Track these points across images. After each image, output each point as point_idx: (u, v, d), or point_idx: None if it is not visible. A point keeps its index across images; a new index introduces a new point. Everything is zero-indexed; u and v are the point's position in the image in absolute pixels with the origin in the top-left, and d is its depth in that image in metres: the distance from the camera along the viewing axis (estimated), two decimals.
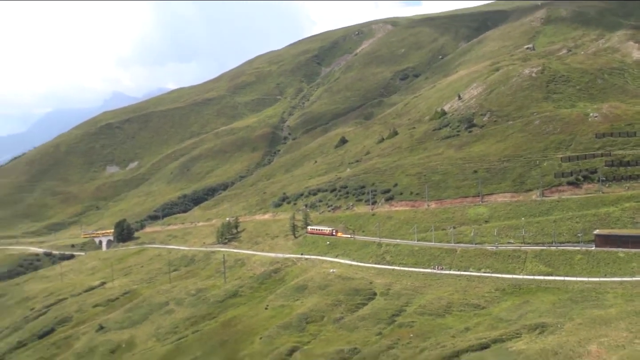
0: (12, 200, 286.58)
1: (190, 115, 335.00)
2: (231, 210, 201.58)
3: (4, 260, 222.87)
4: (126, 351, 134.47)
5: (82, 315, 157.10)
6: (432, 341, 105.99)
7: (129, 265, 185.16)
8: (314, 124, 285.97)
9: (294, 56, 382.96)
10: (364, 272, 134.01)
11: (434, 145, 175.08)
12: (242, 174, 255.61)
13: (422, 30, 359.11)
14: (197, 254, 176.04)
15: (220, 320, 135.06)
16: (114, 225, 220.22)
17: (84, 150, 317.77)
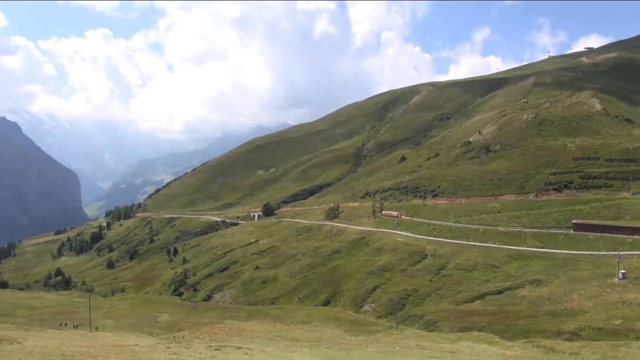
0: (203, 188, 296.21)
1: (307, 140, 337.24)
2: (333, 199, 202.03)
3: (199, 224, 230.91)
4: (272, 282, 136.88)
5: (245, 259, 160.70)
6: (465, 287, 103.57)
7: (272, 230, 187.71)
8: (382, 147, 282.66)
9: (370, 105, 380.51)
10: (419, 241, 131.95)
11: (464, 163, 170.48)
12: (338, 177, 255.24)
13: (452, 90, 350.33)
14: (313, 225, 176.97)
15: (328, 267, 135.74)
16: (262, 206, 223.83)
17: (244, 160, 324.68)
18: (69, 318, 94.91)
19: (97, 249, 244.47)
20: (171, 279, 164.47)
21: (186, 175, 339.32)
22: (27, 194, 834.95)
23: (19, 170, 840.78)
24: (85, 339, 45.04)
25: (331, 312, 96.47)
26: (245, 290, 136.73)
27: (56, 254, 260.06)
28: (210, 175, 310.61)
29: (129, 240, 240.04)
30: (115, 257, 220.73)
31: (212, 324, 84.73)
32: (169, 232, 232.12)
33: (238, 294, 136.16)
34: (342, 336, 73.92)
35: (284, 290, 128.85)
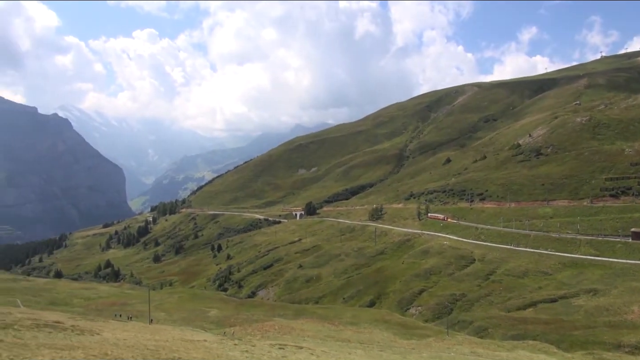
0: (245, 186, 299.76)
1: (349, 140, 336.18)
2: (376, 200, 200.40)
3: (242, 221, 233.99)
4: (316, 282, 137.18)
5: (288, 257, 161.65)
6: (515, 293, 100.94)
7: (314, 229, 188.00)
8: (426, 148, 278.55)
9: (413, 105, 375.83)
10: (466, 245, 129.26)
11: (513, 166, 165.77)
12: (381, 178, 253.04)
13: (498, 91, 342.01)
14: (356, 226, 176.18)
15: (373, 268, 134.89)
16: (305, 204, 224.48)
17: (285, 159, 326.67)
18: (122, 309, 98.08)
19: (144, 243, 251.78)
20: (216, 274, 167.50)
21: (229, 173, 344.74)
22: (76, 188, 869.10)
23: (69, 164, 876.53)
24: (152, 331, 46.26)
25: (379, 314, 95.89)
26: (289, 289, 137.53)
27: (105, 247, 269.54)
28: (252, 173, 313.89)
29: (174, 235, 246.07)
30: (161, 251, 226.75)
31: (261, 321, 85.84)
32: (212, 229, 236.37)
33: (282, 292, 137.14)
34: (392, 339, 73.38)
35: (328, 290, 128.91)
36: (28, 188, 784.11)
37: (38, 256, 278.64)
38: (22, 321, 38.79)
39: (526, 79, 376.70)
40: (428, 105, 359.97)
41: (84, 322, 47.36)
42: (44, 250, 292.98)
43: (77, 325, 40.48)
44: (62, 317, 52.72)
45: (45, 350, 21.71)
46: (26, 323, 36.86)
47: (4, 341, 23.70)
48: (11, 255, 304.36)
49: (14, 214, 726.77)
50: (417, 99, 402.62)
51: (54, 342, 26.45)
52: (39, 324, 36.97)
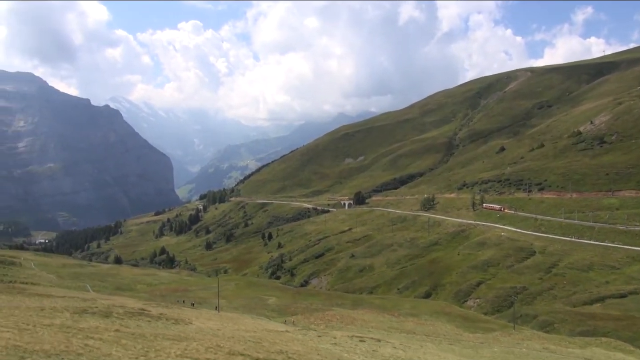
0: (292, 175, 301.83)
1: (396, 129, 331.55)
2: (427, 189, 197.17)
3: (291, 210, 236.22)
4: (369, 272, 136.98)
5: (339, 247, 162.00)
6: (580, 288, 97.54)
7: (364, 219, 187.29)
8: (476, 136, 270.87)
9: (462, 93, 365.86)
10: (525, 237, 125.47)
11: (573, 155, 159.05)
12: (430, 167, 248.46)
13: (552, 76, 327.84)
14: (407, 216, 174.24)
15: (427, 259, 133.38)
16: (354, 194, 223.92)
17: (332, 148, 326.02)
18: (185, 296, 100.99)
19: (195, 231, 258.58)
20: (268, 262, 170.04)
21: (276, 162, 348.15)
22: (127, 176, 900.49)
23: (120, 154, 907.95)
24: (232, 320, 47.38)
25: (438, 305, 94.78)
26: (342, 278, 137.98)
27: (158, 234, 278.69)
28: (299, 162, 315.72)
29: (225, 223, 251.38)
30: (212, 239, 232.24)
31: (320, 310, 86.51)
32: (262, 217, 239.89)
33: (335, 281, 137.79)
34: (457, 332, 72.42)
35: (382, 280, 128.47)
36: (82, 176, 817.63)
37: (96, 242, 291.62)
38: (113, 308, 40.46)
39: (583, 62, 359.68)
40: (478, 91, 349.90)
41: (166, 310, 48.98)
42: (101, 236, 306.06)
43: (164, 314, 41.86)
44: (138, 304, 54.81)
45: (166, 342, 22.40)
46: (119, 311, 38.40)
47: (120, 331, 24.67)
48: (71, 241, 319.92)
49: (70, 201, 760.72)
50: (465, 85, 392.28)
51: (163, 332, 27.35)
52: (133, 312, 38.44)
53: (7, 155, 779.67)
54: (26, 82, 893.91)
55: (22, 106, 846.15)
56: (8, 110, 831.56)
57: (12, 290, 60.57)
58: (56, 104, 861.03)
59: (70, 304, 40.68)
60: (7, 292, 57.23)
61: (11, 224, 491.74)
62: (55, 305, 37.07)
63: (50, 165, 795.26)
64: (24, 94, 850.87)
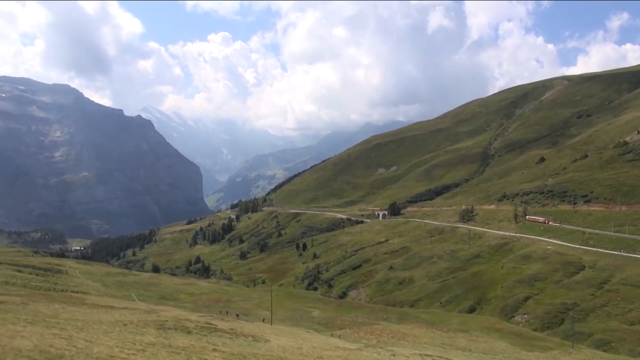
0: (325, 185, 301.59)
1: (428, 139, 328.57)
2: (464, 201, 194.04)
3: (324, 220, 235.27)
4: (409, 284, 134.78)
5: (377, 258, 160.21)
6: (637, 305, 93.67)
7: (400, 230, 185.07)
8: (513, 146, 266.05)
9: (496, 102, 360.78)
10: (573, 250, 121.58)
11: (620, 166, 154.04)
12: (465, 177, 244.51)
13: (591, 85, 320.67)
14: (445, 227, 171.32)
15: (469, 272, 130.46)
16: (389, 205, 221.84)
17: (364, 158, 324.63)
18: (228, 307, 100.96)
19: (229, 240, 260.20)
20: (304, 273, 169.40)
21: (307, 172, 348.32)
22: (157, 185, 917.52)
23: (151, 163, 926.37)
24: (301, 337, 46.77)
25: (487, 321, 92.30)
26: (382, 290, 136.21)
27: (191, 242, 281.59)
28: (331, 172, 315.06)
29: (258, 232, 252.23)
30: (246, 248, 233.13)
31: (367, 324, 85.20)
32: (295, 227, 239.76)
33: (374, 294, 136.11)
34: (514, 350, 70.14)
35: (424, 294, 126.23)
36: (115, 185, 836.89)
37: (131, 250, 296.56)
38: (184, 322, 40.34)
39: (622, 70, 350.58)
40: (513, 101, 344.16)
41: (234, 325, 48.74)
42: (136, 244, 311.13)
43: (234, 329, 41.55)
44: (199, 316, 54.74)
45: None
46: (191, 325, 38.22)
47: (219, 350, 24.26)
48: (106, 249, 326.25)
49: (103, 209, 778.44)
50: (500, 94, 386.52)
51: (254, 351, 26.92)
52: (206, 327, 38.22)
53: (44, 164, 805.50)
54: (63, 93, 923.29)
55: (58, 117, 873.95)
56: (46, 121, 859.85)
57: (72, 300, 61.39)
58: (91, 115, 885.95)
59: (141, 318, 40.79)
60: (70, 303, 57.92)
61: (48, 232, 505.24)
62: (131, 319, 37.16)
63: (85, 174, 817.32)
64: (60, 105, 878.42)
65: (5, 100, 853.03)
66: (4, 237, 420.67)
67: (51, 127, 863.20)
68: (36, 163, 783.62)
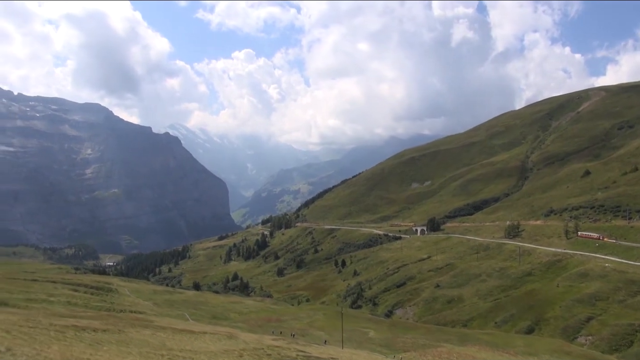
0: (358, 201, 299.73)
1: (462, 152, 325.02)
2: (507, 216, 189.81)
3: (361, 236, 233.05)
4: (458, 303, 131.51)
5: (421, 275, 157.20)
6: None
7: (442, 246, 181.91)
8: (551, 159, 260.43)
9: (530, 114, 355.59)
10: (634, 268, 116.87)
11: None
12: (504, 192, 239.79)
13: (630, 95, 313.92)
14: (490, 244, 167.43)
15: (522, 290, 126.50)
16: (427, 220, 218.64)
17: (398, 173, 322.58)
18: (280, 327, 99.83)
19: (264, 256, 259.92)
20: (345, 290, 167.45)
21: (339, 187, 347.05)
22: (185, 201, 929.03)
23: (178, 179, 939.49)
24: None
25: (554, 343, 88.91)
26: (430, 309, 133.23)
27: (226, 258, 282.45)
28: (364, 187, 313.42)
29: (293, 249, 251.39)
30: (282, 265, 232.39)
31: (431, 346, 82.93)
32: (331, 243, 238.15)
33: (422, 312, 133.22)
34: None
35: (475, 313, 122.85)
36: (143, 201, 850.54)
37: (166, 266, 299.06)
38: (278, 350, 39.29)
39: None
40: (548, 112, 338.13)
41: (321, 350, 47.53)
42: (170, 260, 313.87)
43: (333, 356, 40.35)
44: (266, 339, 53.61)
45: None
46: (290, 354, 37.15)
47: None
48: (140, 265, 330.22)
49: (132, 225, 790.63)
50: (534, 106, 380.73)
51: None
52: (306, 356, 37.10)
53: (76, 181, 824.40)
54: (94, 112, 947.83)
55: (89, 135, 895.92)
56: (77, 139, 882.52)
57: (141, 323, 61.04)
58: (120, 132, 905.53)
59: (234, 345, 39.83)
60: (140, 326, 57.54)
61: (81, 248, 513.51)
62: (232, 347, 36.31)
63: (115, 190, 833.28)
64: (91, 124, 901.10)
65: (39, 120, 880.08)
66: (40, 254, 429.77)
67: (82, 145, 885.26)
68: (68, 180, 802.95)
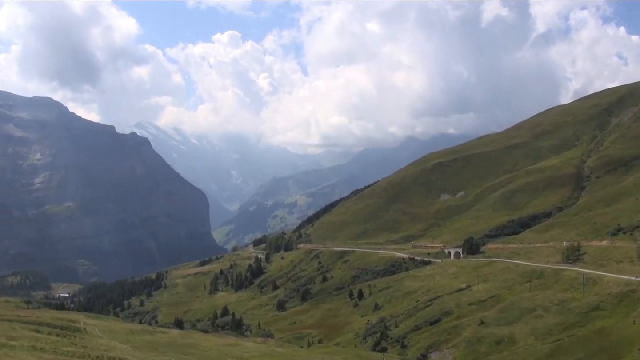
0: (374, 216, 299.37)
1: (502, 156, 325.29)
2: (564, 235, 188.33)
3: (380, 261, 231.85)
4: (510, 345, 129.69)
5: (460, 310, 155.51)
6: None
7: (484, 273, 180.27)
8: (614, 164, 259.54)
9: (584, 109, 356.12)
10: None
11: None
12: (557, 205, 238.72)
13: None
14: (544, 270, 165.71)
15: (589, 328, 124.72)
16: (464, 240, 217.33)
17: (423, 182, 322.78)
18: None
19: (259, 286, 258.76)
20: (365, 329, 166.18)
21: (350, 200, 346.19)
22: (155, 217, 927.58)
23: (147, 190, 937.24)
24: None
25: None
26: (474, 353, 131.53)
27: (211, 289, 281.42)
28: (382, 200, 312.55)
29: (296, 276, 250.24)
30: (283, 296, 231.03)
31: None
32: (343, 270, 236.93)
33: (464, 357, 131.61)
34: None
35: (532, 357, 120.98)
36: (105, 217, 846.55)
37: (136, 298, 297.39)
38: None
39: None
40: (606, 107, 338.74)
41: None
42: (141, 291, 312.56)
43: None
44: None
45: None
46: None
47: None
48: (104, 296, 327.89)
49: (91, 247, 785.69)
50: (587, 100, 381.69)
51: None
52: None
53: (22, 192, 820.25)
54: (44, 108, 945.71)
55: (39, 136, 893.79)
56: (24, 141, 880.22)
57: None
58: (77, 133, 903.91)
59: None
60: None
61: (28, 275, 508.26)
62: None
63: (69, 204, 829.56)
64: (42, 122, 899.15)
65: None
66: None
67: (30, 149, 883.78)
68: (12, 192, 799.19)
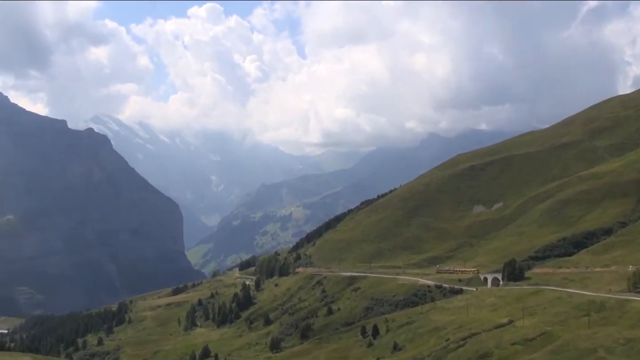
0: (391, 233, 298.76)
1: (550, 158, 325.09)
2: (629, 257, 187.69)
3: (398, 289, 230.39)
4: None
5: (501, 351, 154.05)
6: None
7: (530, 305, 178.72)
8: None
9: None
10: None
11: None
12: (619, 219, 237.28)
13: None
14: (606, 301, 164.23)
15: None
16: (503, 264, 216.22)
17: (451, 190, 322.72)
18: None
19: (248, 320, 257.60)
20: None
21: (361, 213, 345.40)
22: (116, 233, 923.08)
23: (107, 200, 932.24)
24: None
25: None
26: None
27: (188, 324, 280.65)
28: (400, 212, 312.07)
29: (294, 308, 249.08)
30: (278, 334, 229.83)
31: None
32: (353, 300, 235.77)
33: None
34: None
35: None
36: (53, 233, 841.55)
37: (93, 336, 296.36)
38: None
39: None
40: None
41: None
42: (99, 326, 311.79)
43: None
44: None
45: None
46: None
47: None
48: (53, 333, 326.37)
49: (35, 270, 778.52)
50: None
51: None
52: None
53: None
54: None
55: None
56: None
57: None
58: (20, 129, 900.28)
59: None
60: None
61: None
62: None
63: (9, 217, 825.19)
64: None
65: None
66: None
67: None
68: None
